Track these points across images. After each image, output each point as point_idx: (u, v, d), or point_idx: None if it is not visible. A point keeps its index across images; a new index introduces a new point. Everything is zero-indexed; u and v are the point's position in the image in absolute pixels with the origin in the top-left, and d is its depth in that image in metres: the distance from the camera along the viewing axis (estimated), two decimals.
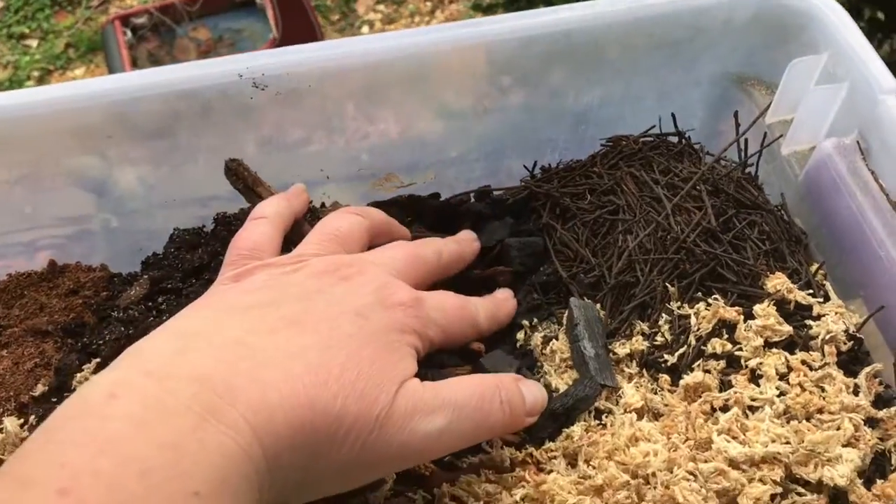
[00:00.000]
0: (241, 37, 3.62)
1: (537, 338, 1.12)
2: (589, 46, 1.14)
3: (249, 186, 1.17)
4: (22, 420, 1.07)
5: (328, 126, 1.16)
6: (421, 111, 1.19)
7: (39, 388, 1.12)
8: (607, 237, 1.18)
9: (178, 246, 1.21)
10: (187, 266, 1.16)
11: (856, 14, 2.16)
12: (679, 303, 1.07)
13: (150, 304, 1.14)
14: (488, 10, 3.40)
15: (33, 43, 4.12)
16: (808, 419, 0.93)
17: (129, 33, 3.37)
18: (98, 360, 1.08)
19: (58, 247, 1.25)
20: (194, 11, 3.52)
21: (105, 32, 3.36)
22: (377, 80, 1.11)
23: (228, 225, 1.22)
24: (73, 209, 1.21)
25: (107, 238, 1.25)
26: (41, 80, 3.98)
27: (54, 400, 1.07)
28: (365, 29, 4.29)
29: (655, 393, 1.02)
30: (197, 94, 1.09)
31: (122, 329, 1.09)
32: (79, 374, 1.07)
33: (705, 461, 0.89)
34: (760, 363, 0.99)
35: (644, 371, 1.05)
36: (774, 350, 1.00)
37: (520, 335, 1.15)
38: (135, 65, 3.34)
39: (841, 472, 0.87)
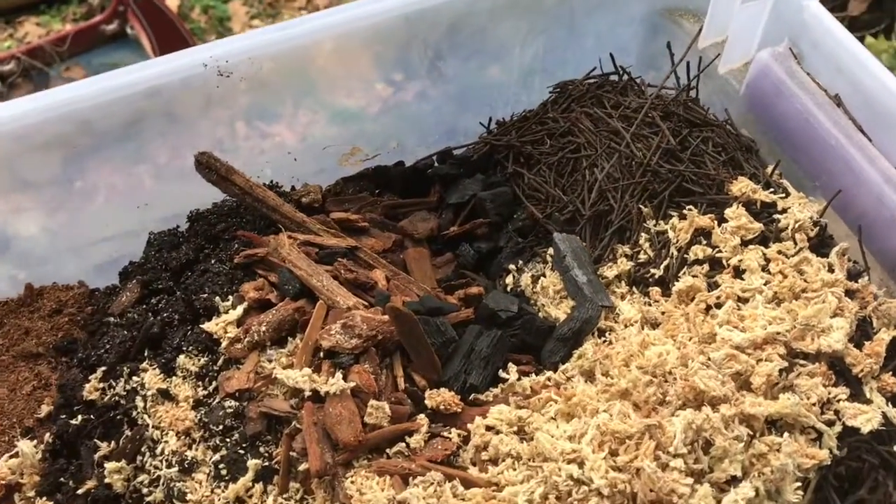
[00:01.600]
0: None
1: (526, 278, 1.18)
2: None
3: (223, 176, 1.18)
4: (35, 441, 1.06)
5: (291, 106, 1.18)
6: (379, 79, 1.22)
7: (44, 409, 1.11)
8: (574, 175, 1.24)
9: (158, 248, 1.21)
10: (174, 264, 1.16)
11: None
12: (654, 221, 1.14)
13: (144, 306, 1.14)
14: None
15: None
16: (795, 299, 1.01)
17: None
18: (104, 368, 1.08)
19: None
20: (64, 51, 3.40)
21: None
22: (330, 54, 1.14)
23: (206, 220, 1.22)
24: None
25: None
26: None
27: (63, 416, 1.06)
28: None
29: (650, 305, 1.09)
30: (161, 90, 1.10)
31: (126, 333, 1.08)
32: (87, 386, 1.06)
33: (714, 351, 0.96)
34: (741, 259, 1.06)
35: (634, 288, 1.12)
36: (751, 246, 1.08)
37: (508, 279, 1.20)
38: None
39: (836, 338, 0.95)
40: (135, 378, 1.05)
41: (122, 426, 1.03)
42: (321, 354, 1.03)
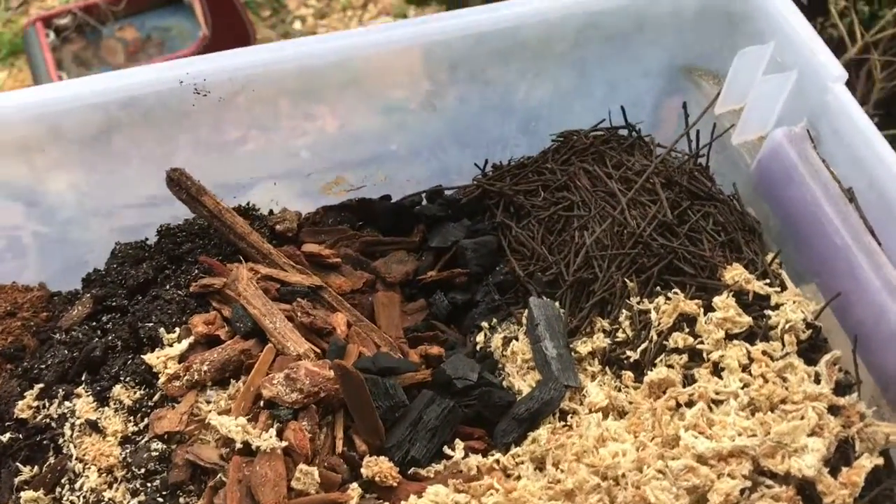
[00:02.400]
0: (169, 35, 3.52)
1: (497, 339, 1.11)
2: (537, 41, 1.13)
3: (193, 196, 1.12)
4: None
5: (273, 127, 1.12)
6: (364, 109, 1.16)
7: None
8: (563, 234, 1.17)
9: (122, 261, 1.16)
10: (131, 282, 1.11)
11: None
12: (639, 298, 1.07)
13: (94, 323, 1.09)
14: (421, 4, 3.36)
15: None
16: (772, 410, 0.93)
17: (52, 35, 3.24)
18: (42, 385, 1.03)
19: None
20: (119, 11, 3.39)
21: (27, 35, 3.23)
22: (323, 81, 1.08)
23: (173, 237, 1.17)
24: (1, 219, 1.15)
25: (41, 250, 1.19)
26: None
27: None
28: (297, 24, 4.20)
29: (619, 390, 1.01)
30: (137, 101, 1.05)
31: (66, 352, 1.04)
32: (21, 402, 1.02)
33: (674, 458, 0.89)
34: (722, 356, 0.98)
35: (607, 368, 1.04)
36: (735, 342, 1.00)
37: (479, 337, 1.13)
38: (60, 67, 3.22)
39: (808, 463, 0.87)
40: (67, 403, 1.00)
41: (47, 452, 0.99)
42: (261, 403, 0.97)
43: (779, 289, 1.03)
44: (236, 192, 1.19)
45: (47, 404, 1.01)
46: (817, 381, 0.95)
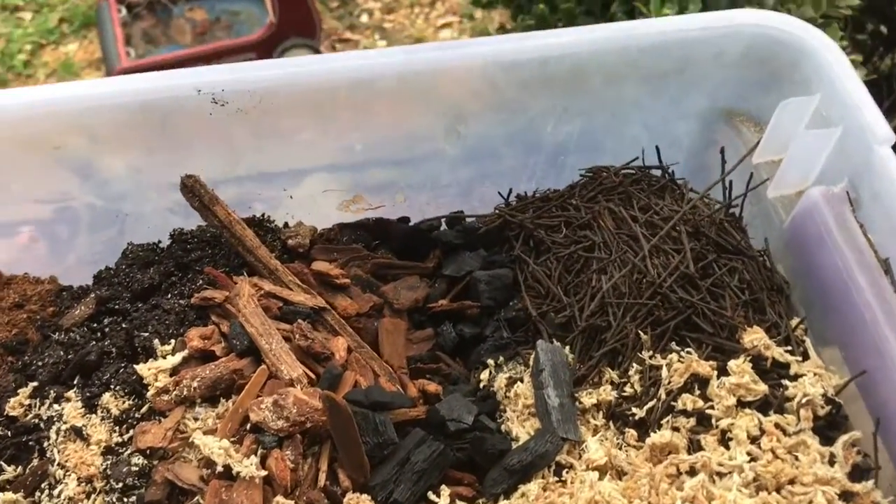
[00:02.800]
0: (237, 20, 3.56)
1: (502, 379, 1.07)
2: (570, 75, 1.08)
3: (206, 205, 1.10)
4: None
5: (295, 140, 1.10)
6: (393, 132, 1.12)
7: None
8: (581, 275, 1.12)
9: (131, 262, 1.15)
10: (136, 287, 1.10)
11: (859, 28, 2.09)
12: (651, 352, 1.01)
13: (95, 324, 1.08)
14: (488, 6, 3.32)
15: (27, 16, 4.03)
16: (778, 490, 0.87)
17: (123, 11, 3.29)
18: (36, 384, 1.02)
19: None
20: None
21: (100, 9, 3.28)
22: (346, 99, 1.05)
23: (184, 243, 1.16)
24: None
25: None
26: (33, 54, 3.89)
27: None
28: (364, 17, 4.20)
29: (621, 448, 0.96)
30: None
31: (62, 353, 1.03)
32: (13, 399, 1.01)
33: None
34: (732, 424, 0.93)
35: (611, 423, 1.00)
36: (748, 410, 0.94)
37: (484, 375, 1.09)
38: (128, 43, 3.27)
39: None
40: (56, 406, 0.99)
41: (32, 453, 0.97)
42: (248, 426, 0.95)
43: (800, 358, 0.97)
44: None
45: (38, 404, 1.00)
46: (831, 462, 0.90)
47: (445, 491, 0.92)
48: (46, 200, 1.13)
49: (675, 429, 0.95)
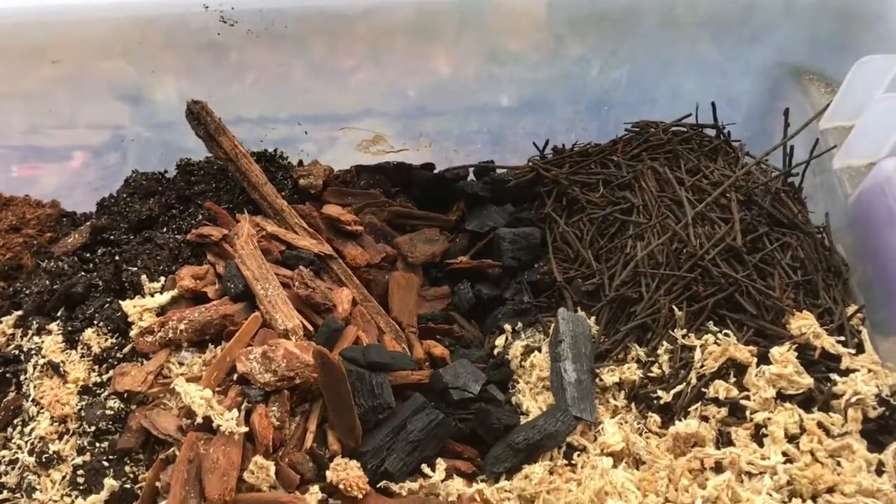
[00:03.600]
0: None
1: (518, 347, 0.97)
2: (619, 14, 0.97)
3: (211, 134, 1.02)
4: None
5: (309, 70, 1.01)
6: (418, 67, 1.02)
7: None
8: (615, 240, 1.02)
9: (133, 192, 1.08)
10: (133, 217, 1.02)
11: None
12: (685, 331, 0.91)
13: (87, 254, 1.01)
14: None
15: None
16: (813, 498, 0.77)
17: None
18: (20, 313, 0.96)
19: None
20: None
21: None
22: (363, 28, 0.95)
23: (189, 174, 1.08)
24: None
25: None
26: None
27: None
28: None
29: (641, 434, 0.87)
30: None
31: (48, 283, 0.96)
32: None
33: None
34: (769, 419, 0.82)
35: (632, 405, 0.90)
36: (788, 405, 0.83)
37: (499, 341, 1.00)
38: None
39: None
40: (37, 339, 0.92)
41: (9, 386, 0.92)
42: (235, 377, 0.87)
43: (854, 350, 0.86)
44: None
45: (21, 334, 0.94)
46: (879, 472, 0.79)
47: (441, 465, 0.83)
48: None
49: (704, 418, 0.85)
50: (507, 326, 1.00)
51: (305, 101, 1.04)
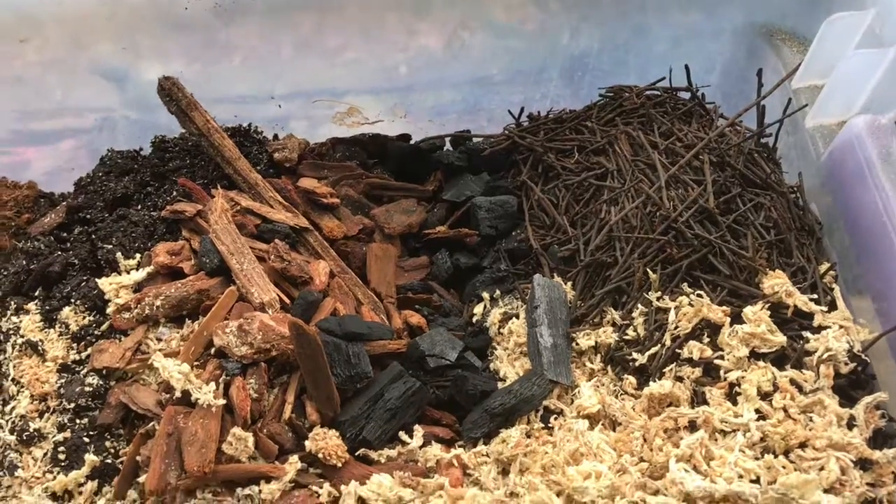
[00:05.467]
0: None
1: (496, 314, 0.98)
2: None
3: (183, 110, 1.02)
4: None
5: (280, 42, 1.00)
6: (387, 36, 1.02)
7: None
8: (590, 205, 1.02)
9: (108, 170, 1.07)
10: (109, 196, 1.02)
11: None
12: (659, 293, 0.91)
13: (64, 234, 1.01)
14: None
15: None
16: (786, 454, 0.78)
17: None
18: None
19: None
20: None
21: None
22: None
23: (164, 151, 1.07)
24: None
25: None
26: None
27: None
28: None
29: (617, 396, 0.87)
30: None
31: (24, 263, 0.96)
32: None
33: (656, 493, 0.75)
34: (742, 377, 0.83)
35: (609, 368, 0.91)
36: (761, 363, 0.84)
37: (478, 309, 1.00)
38: None
39: None
40: (15, 319, 0.92)
41: None
42: (213, 350, 0.88)
43: (826, 308, 0.87)
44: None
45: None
46: (850, 426, 0.80)
47: (419, 432, 0.84)
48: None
49: (679, 379, 0.86)
50: (486, 294, 1.00)
51: (283, 78, 1.03)
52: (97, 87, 1.07)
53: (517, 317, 0.97)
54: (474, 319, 1.00)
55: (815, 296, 0.88)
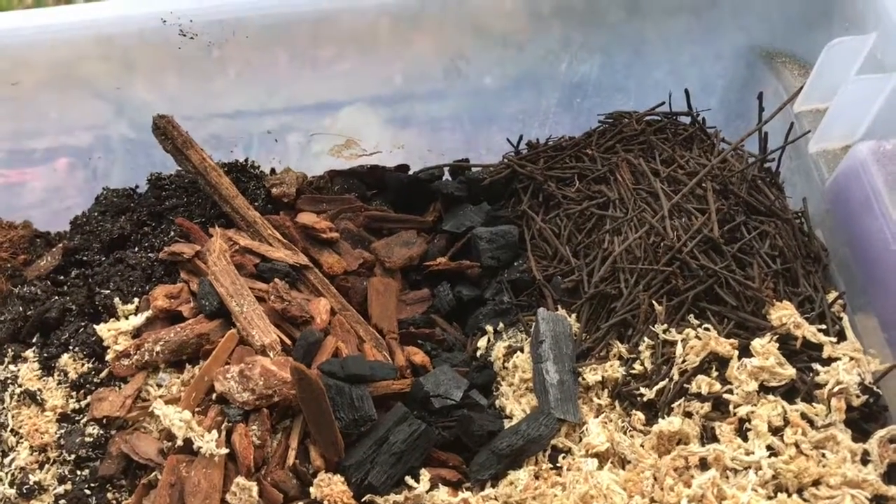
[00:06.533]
0: None
1: (500, 348, 0.96)
2: (587, 4, 0.95)
3: (179, 148, 1.00)
4: None
5: (267, 79, 0.99)
6: (385, 68, 1.01)
7: None
8: (592, 235, 1.00)
9: (104, 210, 1.06)
10: (105, 237, 1.01)
11: None
12: (665, 326, 0.90)
13: (61, 277, 1.00)
14: None
15: None
16: (799, 492, 0.77)
17: None
18: None
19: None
20: None
21: None
22: (327, 32, 0.94)
23: (160, 189, 1.06)
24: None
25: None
26: None
27: None
28: None
29: (625, 433, 0.86)
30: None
31: (21, 309, 0.95)
32: None
33: None
34: (752, 412, 0.82)
35: (616, 404, 0.89)
36: (771, 397, 0.83)
37: (481, 342, 0.99)
38: None
39: None
40: (13, 367, 0.91)
41: None
42: (214, 396, 0.86)
43: (835, 338, 0.85)
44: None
45: None
46: (865, 461, 0.78)
47: (425, 476, 0.83)
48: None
49: (688, 414, 0.85)
50: (489, 327, 0.99)
51: (280, 99, 1.03)
52: (91, 105, 1.06)
53: (522, 350, 0.96)
54: (478, 353, 0.98)
55: (824, 326, 0.86)
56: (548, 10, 0.92)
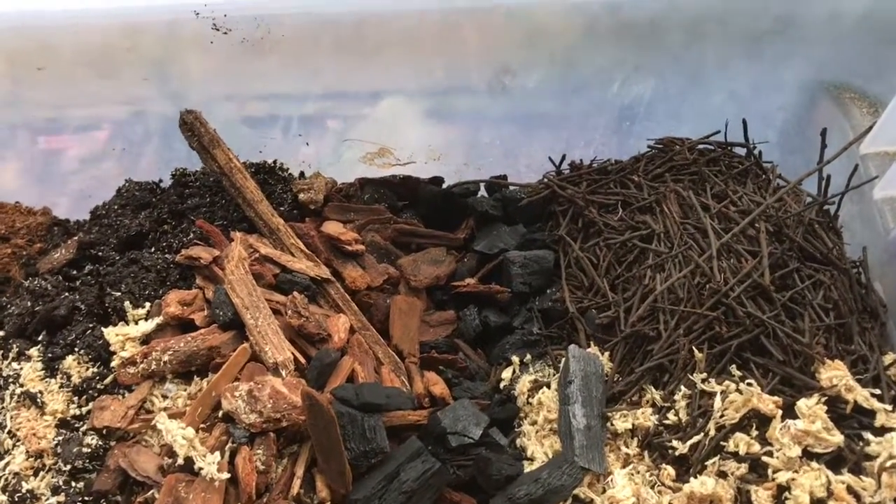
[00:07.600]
0: None
1: (525, 382, 0.91)
2: (646, 26, 0.89)
3: (205, 146, 0.96)
4: None
5: (302, 81, 0.95)
6: (423, 78, 0.95)
7: None
8: (633, 269, 0.95)
9: (125, 203, 1.02)
10: (123, 233, 0.97)
11: None
12: (705, 375, 0.84)
13: (74, 272, 0.96)
14: None
15: None
16: None
17: None
18: (2, 333, 0.91)
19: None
20: None
21: None
22: (373, 36, 0.88)
23: (184, 186, 1.02)
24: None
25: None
26: None
27: None
28: None
29: (653, 487, 0.80)
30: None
31: (29, 304, 0.91)
32: None
33: None
34: (793, 479, 0.76)
35: (645, 454, 0.83)
36: (814, 464, 0.76)
37: (506, 373, 0.93)
38: None
39: None
40: (15, 365, 0.87)
41: None
42: (220, 413, 0.82)
43: (890, 406, 0.79)
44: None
45: (0, 357, 0.89)
46: None
47: None
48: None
49: (722, 474, 0.79)
50: (515, 358, 0.94)
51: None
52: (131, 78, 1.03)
53: (548, 386, 0.90)
54: (502, 385, 0.93)
55: (878, 391, 0.80)
56: (604, 29, 0.86)
